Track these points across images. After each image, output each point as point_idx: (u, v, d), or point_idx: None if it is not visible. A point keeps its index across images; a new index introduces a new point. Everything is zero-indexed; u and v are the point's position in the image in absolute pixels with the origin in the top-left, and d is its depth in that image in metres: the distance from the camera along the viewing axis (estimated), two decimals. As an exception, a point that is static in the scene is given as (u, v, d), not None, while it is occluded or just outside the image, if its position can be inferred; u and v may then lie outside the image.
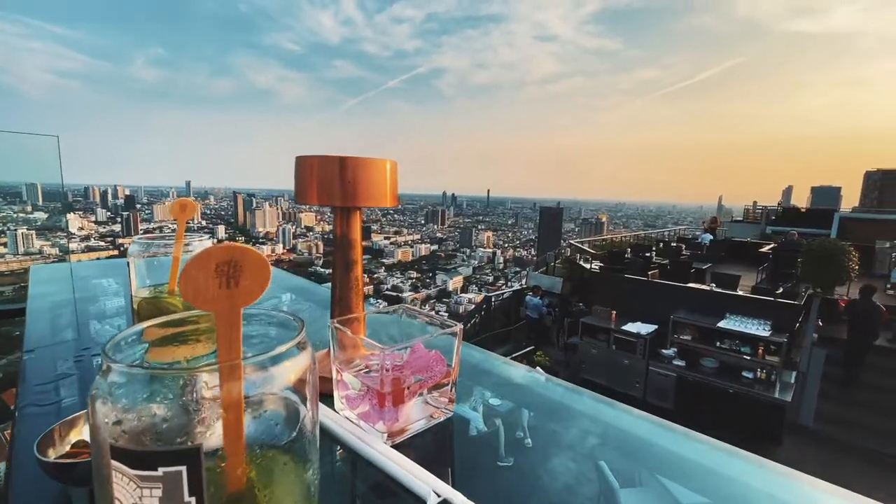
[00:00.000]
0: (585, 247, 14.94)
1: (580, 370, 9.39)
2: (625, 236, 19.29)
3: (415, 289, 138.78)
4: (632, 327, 8.80)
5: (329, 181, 0.63)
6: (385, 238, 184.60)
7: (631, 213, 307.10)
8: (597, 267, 11.50)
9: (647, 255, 13.35)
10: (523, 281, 13.51)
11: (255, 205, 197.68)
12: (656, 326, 8.67)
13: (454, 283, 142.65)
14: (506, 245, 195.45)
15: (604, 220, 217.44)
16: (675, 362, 8.16)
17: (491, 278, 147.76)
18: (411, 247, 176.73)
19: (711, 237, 15.13)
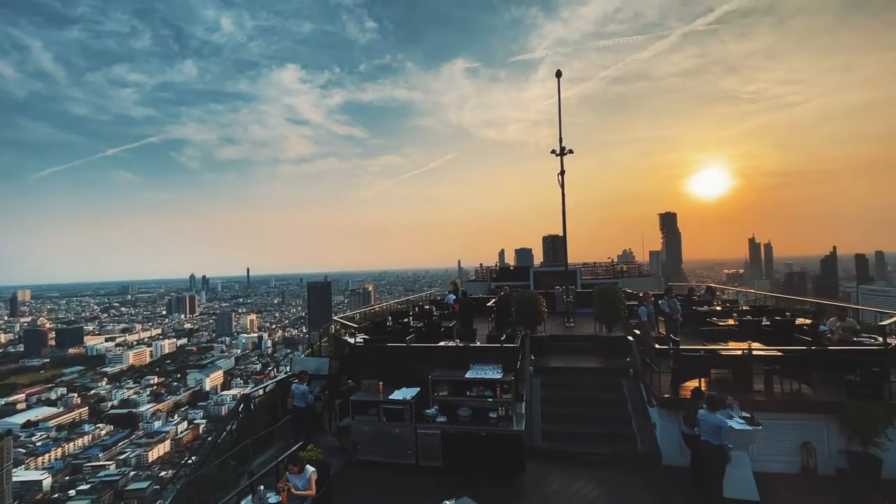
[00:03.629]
0: (354, 319, 15.14)
1: (355, 453, 9.03)
2: (390, 304, 20.52)
3: (156, 398, 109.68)
4: (398, 394, 9.11)
5: None
6: (107, 339, 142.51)
7: (393, 280, 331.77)
8: (362, 340, 11.70)
9: (406, 320, 14.49)
10: (289, 367, 12.48)
11: None
12: (419, 389, 9.25)
13: (213, 379, 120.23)
14: (273, 326, 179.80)
15: (370, 289, 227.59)
16: (439, 419, 8.78)
17: (259, 366, 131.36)
18: (149, 345, 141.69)
19: (455, 297, 17.64)
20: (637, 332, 10.92)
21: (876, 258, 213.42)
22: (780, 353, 8.96)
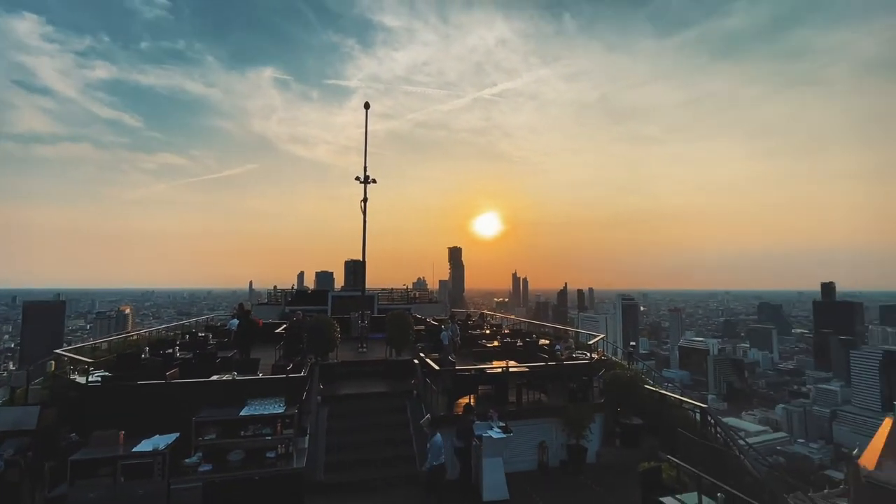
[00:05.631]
0: (97, 350, 11.80)
1: (71, 531, 6.84)
2: (153, 330, 16.92)
3: None
4: (147, 444, 7.41)
5: None
6: None
7: (162, 301, 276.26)
8: (99, 378, 9.17)
9: (170, 351, 12.13)
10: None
11: None
12: (178, 434, 7.73)
13: None
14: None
15: (128, 311, 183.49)
16: (202, 468, 7.48)
17: None
18: None
19: (239, 322, 15.70)
20: (422, 355, 11.76)
21: (589, 293, 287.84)
22: (527, 369, 10.98)
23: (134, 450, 7.28)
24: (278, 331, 13.68)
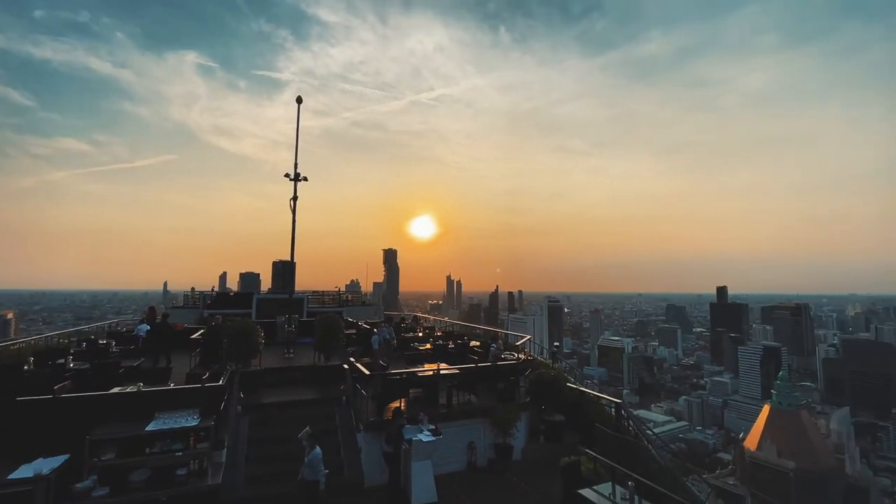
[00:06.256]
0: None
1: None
2: (41, 337, 14.86)
3: None
4: (27, 470, 6.48)
5: None
6: None
7: (56, 304, 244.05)
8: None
9: (61, 361, 10.75)
10: None
11: None
12: (67, 456, 6.85)
13: None
14: None
15: (10, 316, 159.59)
16: (97, 493, 6.68)
17: None
18: None
19: (149, 328, 14.30)
20: (352, 359, 11.49)
21: (518, 295, 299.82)
22: (458, 371, 11.14)
23: (10, 476, 6.34)
24: (194, 336, 12.65)
